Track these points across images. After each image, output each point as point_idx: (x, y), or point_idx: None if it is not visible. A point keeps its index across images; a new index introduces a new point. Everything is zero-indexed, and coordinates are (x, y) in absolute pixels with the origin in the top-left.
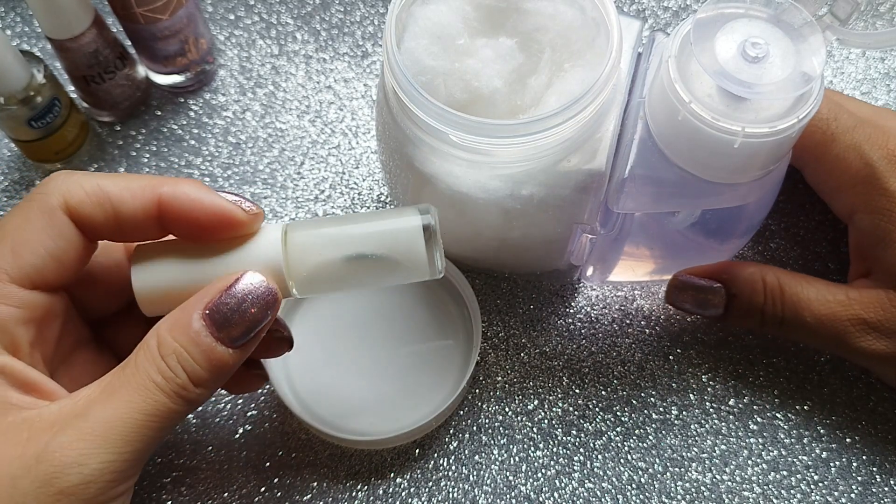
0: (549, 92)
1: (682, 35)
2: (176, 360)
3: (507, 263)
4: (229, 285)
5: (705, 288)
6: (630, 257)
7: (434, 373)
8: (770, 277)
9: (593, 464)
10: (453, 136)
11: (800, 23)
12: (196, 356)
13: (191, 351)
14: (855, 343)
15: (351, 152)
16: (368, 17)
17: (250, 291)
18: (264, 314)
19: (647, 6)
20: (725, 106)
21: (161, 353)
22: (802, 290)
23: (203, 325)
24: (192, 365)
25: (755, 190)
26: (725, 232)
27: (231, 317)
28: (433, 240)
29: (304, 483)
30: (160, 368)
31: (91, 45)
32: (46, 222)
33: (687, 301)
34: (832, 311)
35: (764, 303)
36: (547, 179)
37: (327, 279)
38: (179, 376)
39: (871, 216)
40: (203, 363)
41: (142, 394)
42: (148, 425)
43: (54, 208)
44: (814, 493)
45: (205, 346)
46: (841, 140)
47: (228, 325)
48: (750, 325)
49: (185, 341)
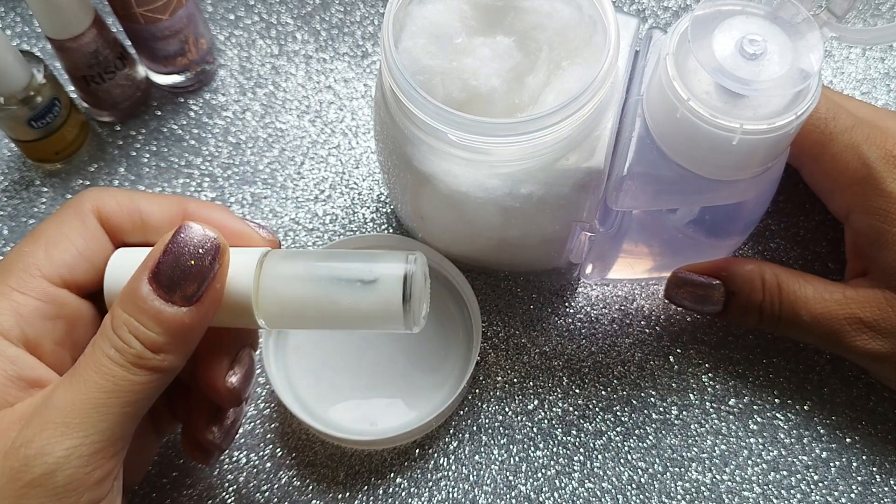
0: (547, 90)
1: (679, 32)
2: (127, 331)
3: (506, 262)
4: (167, 243)
5: (704, 284)
6: (629, 255)
7: (434, 373)
8: (768, 275)
9: (593, 464)
10: (452, 135)
11: (797, 19)
12: (146, 322)
13: (140, 318)
14: (851, 342)
15: (351, 152)
16: (368, 17)
17: (190, 243)
18: (210, 263)
19: (647, 6)
20: (723, 103)
21: (113, 326)
22: (800, 288)
23: (150, 290)
24: (144, 332)
25: (753, 187)
26: (724, 229)
27: (176, 274)
28: (413, 292)
29: (304, 483)
30: (113, 342)
31: (91, 45)
32: (79, 224)
33: (686, 297)
34: (829, 309)
35: (762, 300)
36: (546, 178)
37: (296, 317)
38: (133, 346)
39: (868, 216)
40: (155, 328)
41: (98, 371)
42: (110, 402)
43: (87, 212)
44: (814, 493)
45: (153, 310)
46: (839, 140)
47: (175, 283)
48: (748, 323)
49: (134, 309)
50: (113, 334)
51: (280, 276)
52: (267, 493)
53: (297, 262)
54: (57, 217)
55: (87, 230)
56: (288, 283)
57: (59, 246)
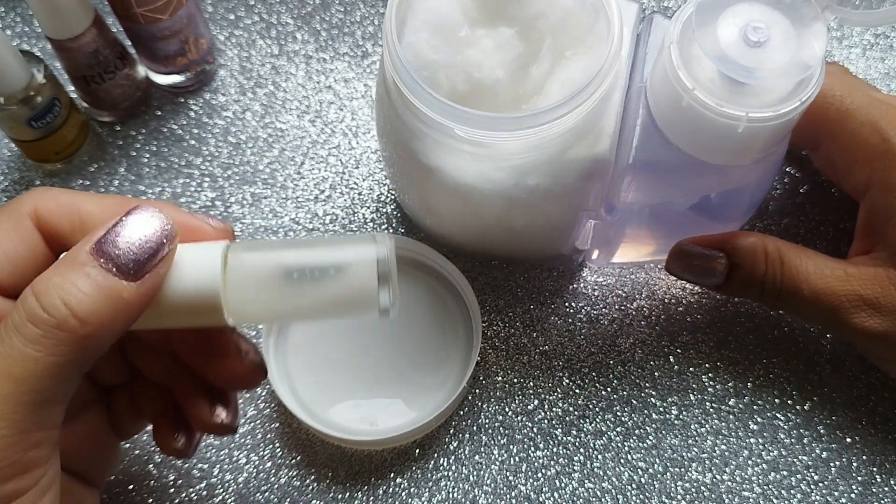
0: (552, 80)
1: (682, 20)
2: (55, 295)
3: (512, 250)
4: (119, 218)
5: (707, 256)
6: (633, 239)
7: (434, 373)
8: (771, 248)
9: (593, 464)
10: (458, 130)
11: (800, 5)
12: (81, 284)
13: (74, 280)
14: (848, 319)
15: (351, 152)
16: (368, 17)
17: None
18: (158, 244)
19: (647, 6)
20: (728, 91)
21: (36, 291)
22: (802, 262)
23: (90, 258)
24: (76, 295)
25: (756, 170)
26: (726, 212)
27: (120, 248)
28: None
29: (304, 483)
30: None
31: (91, 45)
32: (11, 226)
33: (688, 270)
34: (829, 285)
35: (765, 273)
36: (552, 169)
37: (266, 309)
38: (56, 313)
39: (886, 193)
40: (90, 292)
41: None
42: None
43: (22, 214)
44: (814, 493)
45: (92, 273)
46: (856, 116)
47: (119, 257)
48: (749, 295)
49: (68, 270)
50: (33, 302)
51: (248, 271)
52: (267, 493)
53: (264, 254)
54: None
55: (18, 232)
56: (257, 276)
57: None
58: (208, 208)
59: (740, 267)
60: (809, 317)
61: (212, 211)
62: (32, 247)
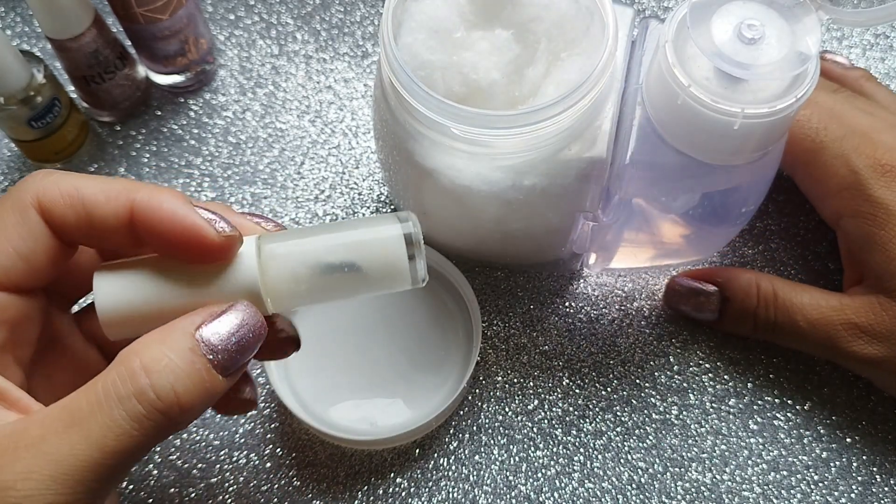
0: (547, 82)
1: (678, 19)
2: (167, 379)
3: (509, 254)
4: (222, 311)
5: (701, 291)
6: (631, 244)
7: (434, 373)
8: (764, 283)
9: (593, 464)
10: (454, 128)
11: (793, 3)
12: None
13: (184, 368)
14: (847, 347)
15: (351, 152)
16: (368, 17)
17: (243, 322)
18: (254, 346)
19: (647, 6)
20: (724, 88)
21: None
22: (796, 295)
23: (197, 346)
24: (184, 384)
25: (753, 170)
26: (724, 216)
27: (225, 345)
28: (415, 248)
29: (305, 483)
30: (138, 389)
31: (91, 45)
32: (17, 220)
33: (683, 304)
34: (824, 315)
35: (756, 307)
36: (548, 169)
37: (305, 293)
38: (165, 397)
39: (856, 220)
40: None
41: (106, 428)
42: (107, 464)
43: (27, 207)
44: (814, 493)
45: (200, 363)
46: (829, 148)
47: (220, 353)
48: (743, 331)
49: (179, 358)
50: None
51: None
52: (267, 493)
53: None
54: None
55: (25, 227)
56: (292, 264)
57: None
58: None
59: (732, 301)
60: (807, 348)
61: None
62: (42, 240)
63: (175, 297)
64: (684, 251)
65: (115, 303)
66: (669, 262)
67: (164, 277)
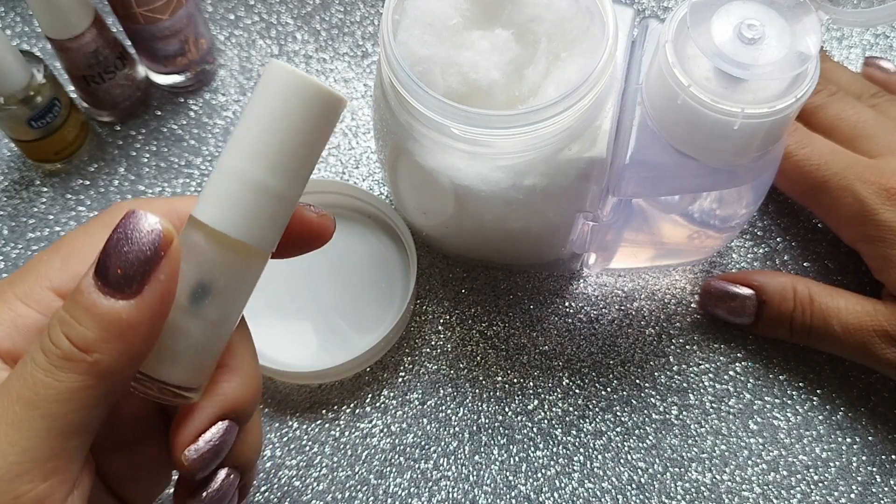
0: (547, 82)
1: (678, 19)
2: (58, 329)
3: (509, 255)
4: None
5: (737, 295)
6: (631, 244)
7: (378, 305)
8: (801, 287)
9: (593, 464)
10: (454, 128)
11: (792, 3)
12: (79, 316)
13: (74, 312)
14: (879, 353)
15: (351, 152)
16: (368, 17)
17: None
18: (150, 252)
19: (647, 6)
20: (724, 88)
21: (47, 324)
22: (832, 300)
23: (91, 283)
24: (75, 327)
25: (753, 171)
26: (724, 216)
27: (115, 263)
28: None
29: (305, 483)
30: (41, 343)
31: (91, 45)
32: (105, 233)
33: (719, 308)
34: (859, 320)
35: (793, 311)
36: (548, 169)
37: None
38: (60, 345)
39: (869, 245)
40: (87, 321)
41: (20, 379)
42: (31, 416)
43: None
44: (814, 493)
45: (88, 302)
46: (832, 182)
47: (115, 274)
48: (778, 334)
49: (71, 304)
50: (44, 335)
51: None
52: (267, 493)
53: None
54: (84, 228)
55: None
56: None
57: (78, 257)
58: None
59: (769, 305)
60: (842, 352)
61: None
62: None
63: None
64: (684, 251)
65: None
66: (669, 262)
67: None
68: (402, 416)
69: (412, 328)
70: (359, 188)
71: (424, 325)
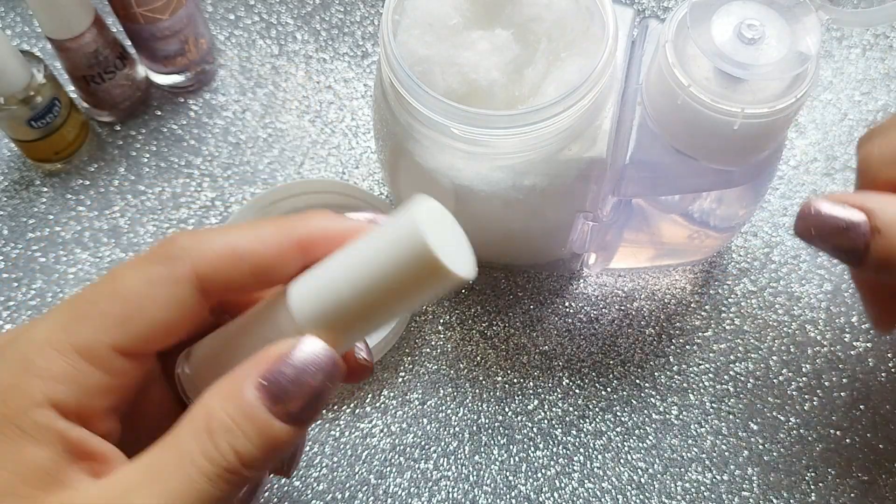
0: (547, 82)
1: (678, 20)
2: (226, 440)
3: (509, 254)
4: (286, 352)
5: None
6: (631, 244)
7: None
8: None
9: (593, 464)
10: (454, 128)
11: (792, 3)
12: (248, 432)
13: (244, 427)
14: None
15: (351, 152)
16: (368, 17)
17: (311, 360)
18: (326, 385)
19: (647, 6)
20: (724, 88)
21: (209, 427)
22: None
23: (257, 397)
24: (243, 443)
25: (752, 173)
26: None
27: (289, 388)
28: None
29: (304, 483)
30: (205, 450)
31: (91, 45)
32: (170, 292)
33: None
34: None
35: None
36: (548, 169)
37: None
38: (227, 457)
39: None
40: (256, 440)
41: (183, 483)
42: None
43: (182, 279)
44: (814, 493)
45: (260, 420)
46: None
47: (286, 397)
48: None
49: (238, 415)
50: (208, 441)
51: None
52: (267, 493)
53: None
54: (145, 276)
55: (176, 300)
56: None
57: (142, 316)
58: (208, 208)
59: (882, 234)
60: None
61: (211, 211)
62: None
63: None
64: (684, 251)
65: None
66: (669, 262)
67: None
68: (402, 416)
69: (412, 328)
70: (359, 188)
71: (424, 325)
